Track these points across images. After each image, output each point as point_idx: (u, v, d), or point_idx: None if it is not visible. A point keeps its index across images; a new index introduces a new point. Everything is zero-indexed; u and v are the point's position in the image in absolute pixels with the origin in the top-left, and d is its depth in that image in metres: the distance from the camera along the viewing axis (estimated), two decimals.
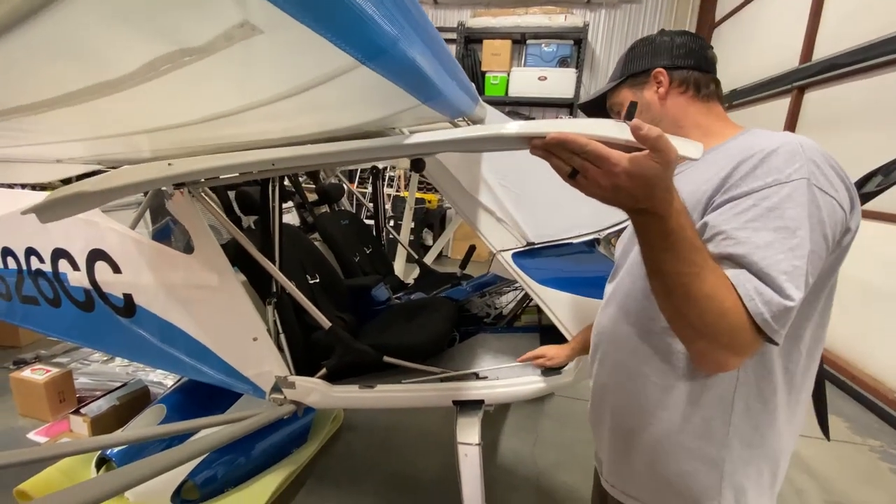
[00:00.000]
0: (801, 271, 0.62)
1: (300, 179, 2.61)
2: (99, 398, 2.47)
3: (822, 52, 4.66)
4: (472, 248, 2.11)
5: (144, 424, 2.04)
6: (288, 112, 0.85)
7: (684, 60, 0.88)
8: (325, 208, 2.73)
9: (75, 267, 2.00)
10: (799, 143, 0.68)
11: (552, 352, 1.46)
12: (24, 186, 3.15)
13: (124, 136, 0.90)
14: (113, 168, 1.74)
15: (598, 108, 1.02)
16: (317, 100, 0.74)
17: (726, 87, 6.90)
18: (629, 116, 0.56)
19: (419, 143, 0.82)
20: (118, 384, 2.63)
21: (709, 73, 0.89)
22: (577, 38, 6.69)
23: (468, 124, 1.67)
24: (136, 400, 2.52)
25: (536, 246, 1.52)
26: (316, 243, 2.44)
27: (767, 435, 0.77)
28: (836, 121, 4.40)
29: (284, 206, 2.50)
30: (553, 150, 0.58)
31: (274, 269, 1.55)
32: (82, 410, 2.36)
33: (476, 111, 1.43)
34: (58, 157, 1.22)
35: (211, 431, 1.52)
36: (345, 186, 3.02)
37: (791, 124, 4.91)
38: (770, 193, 0.65)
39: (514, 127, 0.64)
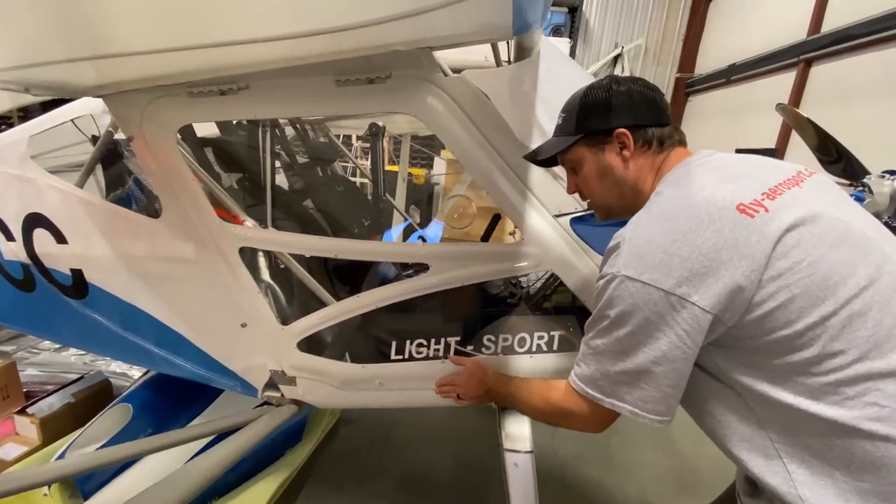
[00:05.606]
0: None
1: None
2: (50, 394, 2.13)
3: (832, 23, 4.49)
4: (496, 218, 1.82)
5: (107, 428, 1.70)
6: None
7: (646, 117, 0.84)
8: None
9: (9, 236, 1.60)
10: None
11: None
12: None
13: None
14: (47, 101, 1.35)
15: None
16: None
17: (724, 61, 6.76)
18: None
19: None
20: (74, 377, 2.29)
21: (668, 124, 0.86)
22: (572, 6, 6.41)
23: (511, 57, 1.36)
24: (96, 395, 2.18)
25: None
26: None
27: None
28: (844, 95, 4.26)
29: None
30: None
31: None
32: (29, 410, 2.02)
33: (534, 35, 1.11)
34: None
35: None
36: (345, 164, 2.66)
37: (796, 99, 4.78)
38: None
39: None
